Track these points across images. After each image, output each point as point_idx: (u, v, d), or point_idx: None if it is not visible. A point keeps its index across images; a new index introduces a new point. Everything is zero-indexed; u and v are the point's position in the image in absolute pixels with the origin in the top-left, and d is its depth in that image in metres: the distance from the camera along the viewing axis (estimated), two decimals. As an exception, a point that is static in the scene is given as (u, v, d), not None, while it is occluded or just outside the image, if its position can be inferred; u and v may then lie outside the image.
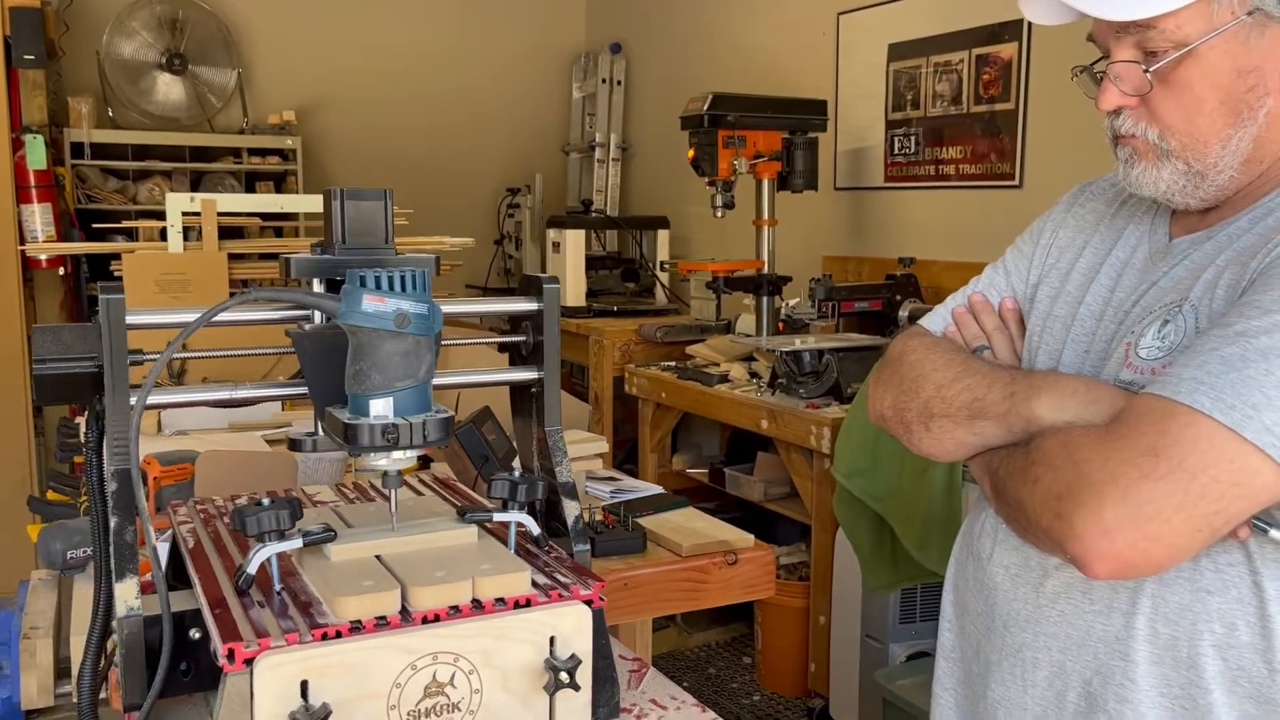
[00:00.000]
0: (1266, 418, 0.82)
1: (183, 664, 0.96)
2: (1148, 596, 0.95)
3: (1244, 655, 0.92)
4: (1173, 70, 0.94)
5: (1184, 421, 0.84)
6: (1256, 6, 0.92)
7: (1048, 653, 1.02)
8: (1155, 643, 0.95)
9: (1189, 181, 0.98)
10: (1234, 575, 0.92)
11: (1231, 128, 0.95)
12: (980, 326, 1.17)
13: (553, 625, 0.89)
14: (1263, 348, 0.84)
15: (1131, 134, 0.99)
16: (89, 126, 4.35)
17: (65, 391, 0.97)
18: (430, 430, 0.92)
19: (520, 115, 5.50)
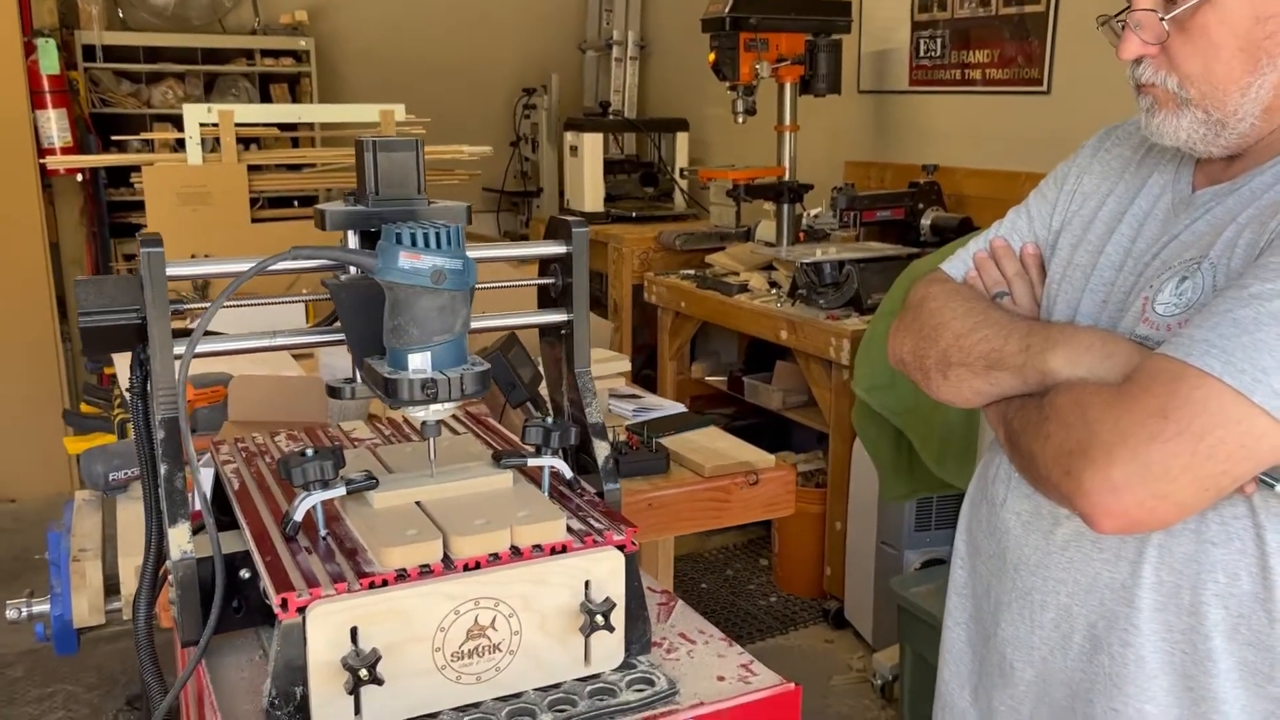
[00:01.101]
0: (1276, 382, 0.83)
1: (234, 602, 1.01)
2: (1154, 546, 0.98)
3: (1245, 604, 0.95)
4: (1190, 17, 0.94)
5: (1194, 384, 0.85)
6: None
7: (1055, 596, 1.06)
8: (1160, 590, 0.98)
9: (1209, 130, 0.98)
10: (1238, 528, 0.95)
11: (1251, 75, 0.95)
12: (1001, 272, 1.18)
13: (587, 570, 0.93)
14: (1275, 311, 0.85)
15: (1152, 82, 1.00)
16: (100, 29, 4.29)
17: (110, 342, 0.99)
18: (468, 383, 0.94)
19: (536, 12, 5.38)
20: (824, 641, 3.11)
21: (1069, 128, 3.03)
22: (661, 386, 3.86)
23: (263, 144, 3.81)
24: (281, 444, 1.23)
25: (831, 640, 3.11)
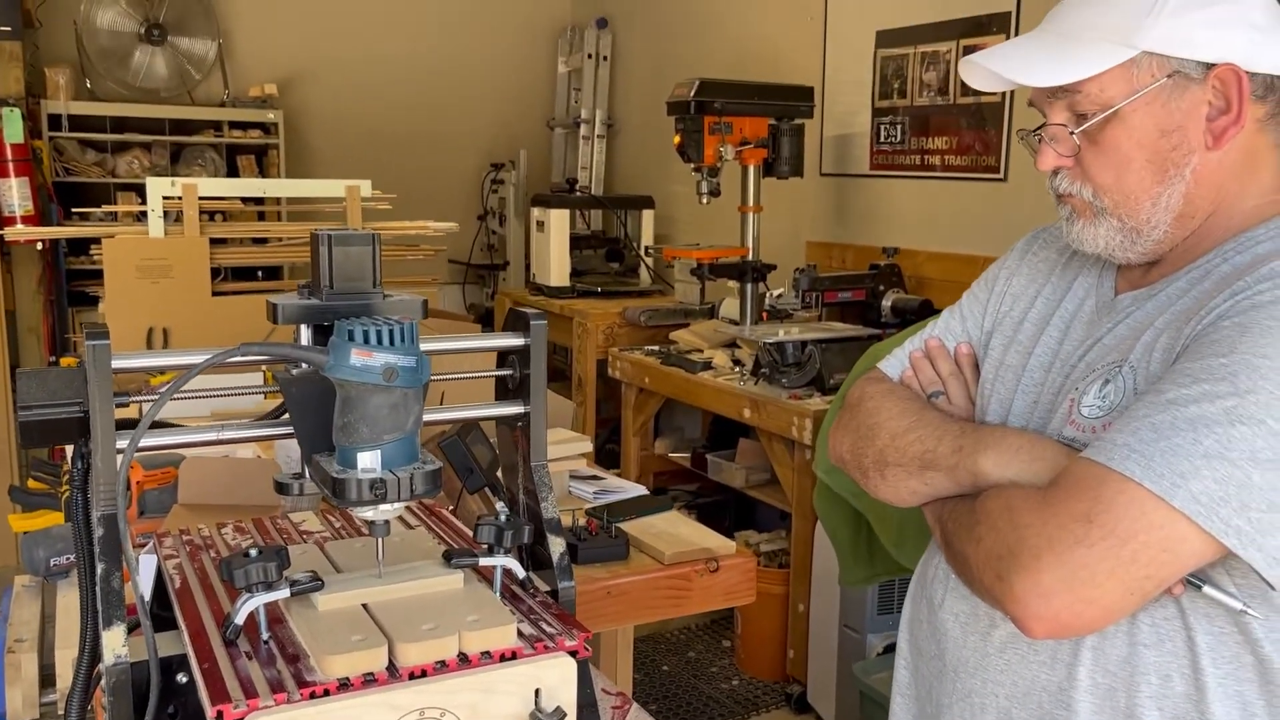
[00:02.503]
0: (1193, 486, 0.85)
1: (170, 708, 0.97)
2: (1089, 649, 0.99)
3: (1179, 705, 0.96)
4: (1100, 131, 0.99)
5: (1116, 489, 0.87)
6: (1175, 70, 0.96)
7: (995, 699, 1.06)
8: (1095, 693, 0.99)
9: (1125, 238, 1.02)
10: (1169, 630, 0.96)
11: (1160, 185, 0.99)
12: (936, 371, 1.21)
13: (538, 677, 0.91)
14: (1191, 417, 0.86)
15: (1069, 192, 1.04)
16: (66, 98, 4.29)
17: (50, 436, 0.97)
18: (418, 483, 0.92)
19: (505, 89, 5.45)
20: (786, 727, 3.06)
21: (1024, 214, 3.09)
22: (625, 462, 3.84)
23: (228, 216, 3.80)
24: (228, 537, 1.19)
25: (794, 725, 3.06)
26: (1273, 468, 0.84)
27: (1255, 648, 0.94)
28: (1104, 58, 0.97)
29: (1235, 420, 0.85)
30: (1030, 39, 1.04)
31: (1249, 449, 0.84)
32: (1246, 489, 0.84)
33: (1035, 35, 1.04)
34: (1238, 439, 0.85)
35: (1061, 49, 1.00)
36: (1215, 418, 0.86)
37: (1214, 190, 1.00)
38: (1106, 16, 0.98)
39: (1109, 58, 0.97)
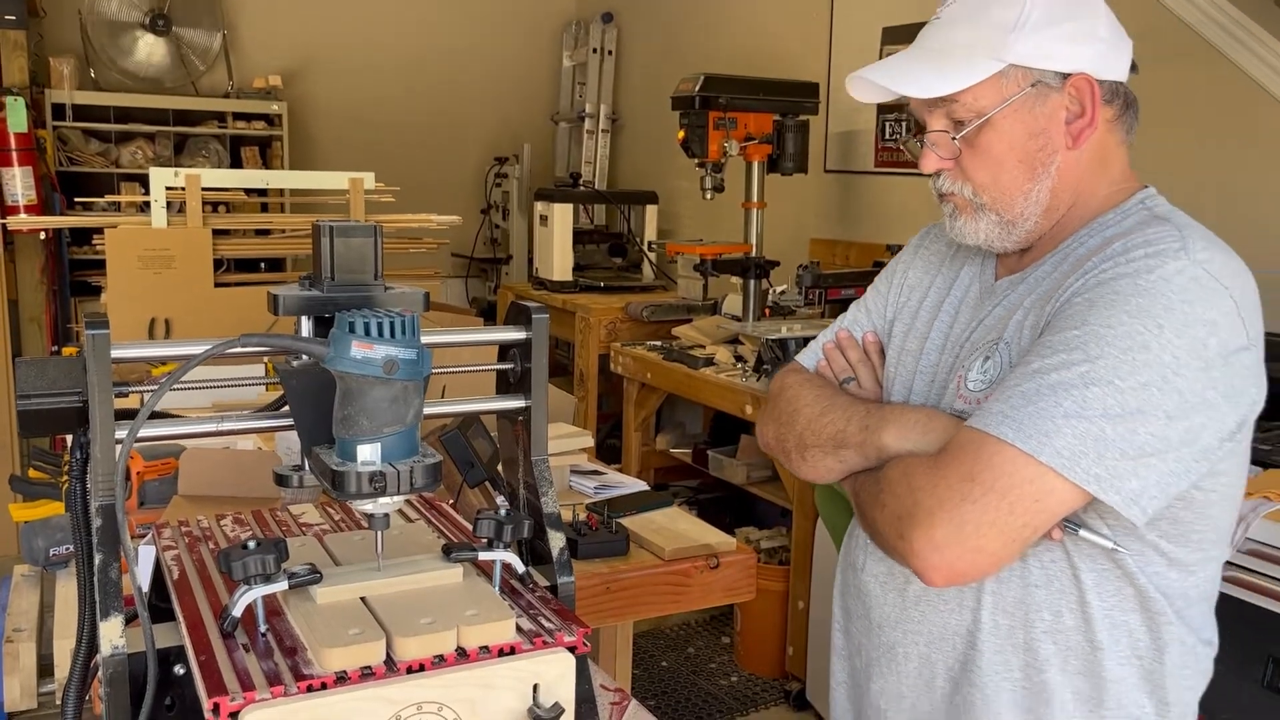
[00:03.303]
0: (1056, 443, 0.97)
1: (167, 699, 0.97)
2: (989, 594, 1.12)
3: (1070, 638, 1.09)
4: (976, 136, 1.11)
5: (993, 450, 0.99)
6: (1038, 80, 1.09)
7: (915, 647, 1.18)
8: (997, 633, 1.12)
9: (1002, 230, 1.14)
10: (1056, 570, 1.09)
11: (1030, 182, 1.11)
12: (846, 360, 1.32)
13: (536, 673, 0.90)
14: (1052, 383, 0.99)
15: (951, 191, 1.15)
16: (71, 88, 4.29)
17: (50, 425, 0.96)
18: (418, 476, 0.92)
19: (509, 83, 5.45)
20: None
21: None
22: (626, 457, 3.83)
23: (231, 207, 3.80)
24: (227, 528, 1.19)
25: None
26: (1122, 421, 0.97)
27: (1133, 580, 1.07)
28: (977, 71, 1.08)
29: (1089, 383, 0.98)
30: (910, 55, 1.14)
31: (1101, 406, 0.97)
32: (1102, 441, 0.97)
33: (914, 52, 1.15)
34: (1091, 399, 0.97)
35: (939, 63, 1.10)
36: (1072, 382, 0.98)
37: (1074, 184, 1.13)
38: (976, 33, 1.09)
39: (981, 70, 1.08)
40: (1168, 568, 1.08)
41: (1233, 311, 1.00)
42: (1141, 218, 1.10)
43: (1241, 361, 1.01)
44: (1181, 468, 1.00)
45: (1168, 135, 2.88)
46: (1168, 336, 0.97)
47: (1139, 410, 0.97)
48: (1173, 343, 0.97)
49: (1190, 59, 2.76)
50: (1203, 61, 2.71)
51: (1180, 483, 1.01)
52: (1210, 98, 2.77)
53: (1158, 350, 0.97)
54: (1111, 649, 1.09)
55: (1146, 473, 0.98)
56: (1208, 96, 2.77)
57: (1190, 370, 0.98)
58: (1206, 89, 2.77)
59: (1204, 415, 0.99)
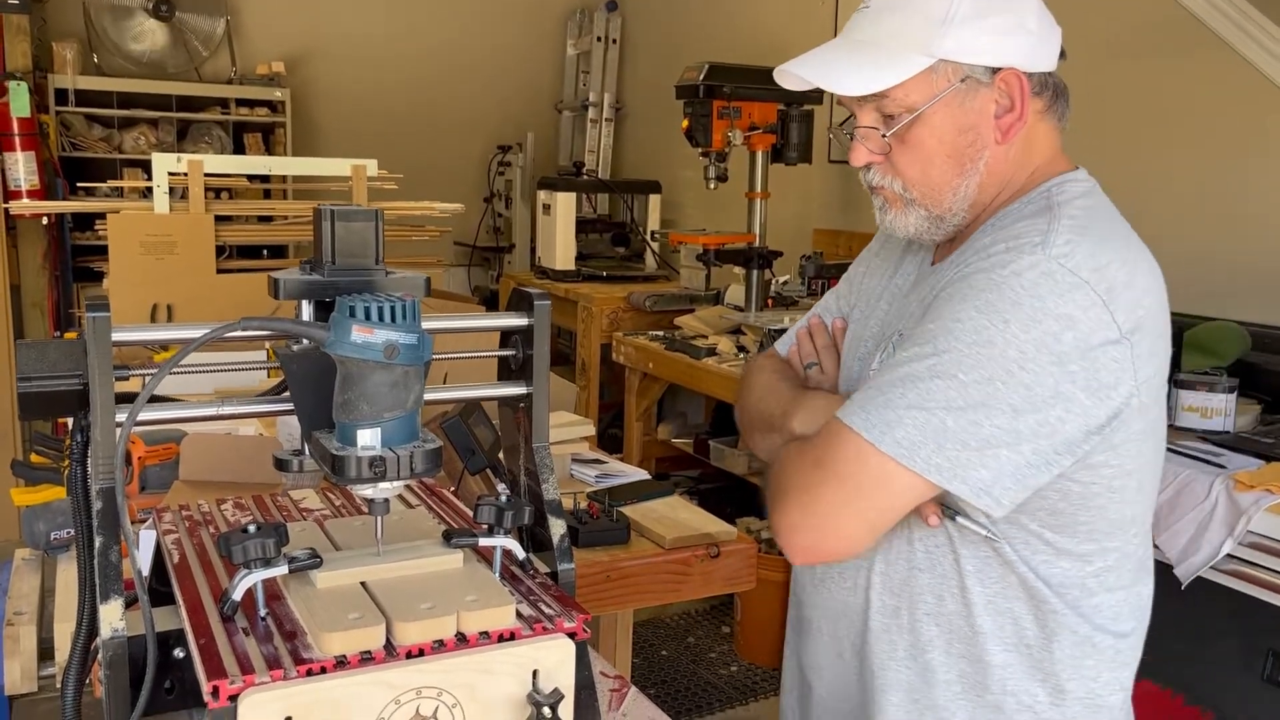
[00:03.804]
0: (898, 433, 1.00)
1: (167, 682, 0.97)
2: (877, 575, 1.15)
3: (953, 621, 1.11)
4: (906, 132, 1.09)
5: (841, 437, 1.03)
6: (967, 74, 1.07)
7: (824, 624, 1.24)
8: (884, 613, 1.15)
9: (931, 224, 1.14)
10: (940, 555, 1.11)
11: (959, 177, 1.11)
12: (813, 345, 1.35)
13: (536, 659, 0.90)
14: (902, 375, 1.02)
15: (881, 185, 1.14)
16: (74, 73, 4.28)
17: (50, 408, 0.96)
18: (418, 462, 0.91)
19: (513, 71, 5.43)
20: (784, 714, 3.06)
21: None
22: (627, 447, 3.83)
23: (234, 194, 3.79)
24: (227, 513, 1.19)
25: (792, 712, 3.06)
26: (964, 413, 0.99)
27: (1013, 568, 1.08)
28: (906, 66, 1.06)
29: (934, 376, 1.00)
30: (838, 47, 1.12)
31: (944, 399, 0.99)
32: (942, 433, 0.99)
33: (842, 43, 1.12)
34: (935, 391, 1.00)
35: (868, 57, 1.08)
36: (919, 374, 1.01)
37: (1001, 177, 1.12)
38: (906, 26, 1.07)
39: (911, 66, 1.06)
40: (1056, 556, 1.08)
41: (1095, 305, 0.99)
42: (1037, 207, 1.09)
43: (1109, 355, 0.99)
44: (1040, 459, 1.00)
45: (1175, 128, 2.87)
46: (1013, 331, 0.98)
47: (982, 403, 0.98)
48: (1019, 337, 0.98)
49: (1198, 52, 2.75)
50: (1210, 55, 2.70)
51: (1040, 474, 1.01)
52: (1218, 91, 2.76)
53: (1002, 345, 0.98)
54: (994, 635, 1.10)
55: (996, 464, 0.99)
56: (1215, 90, 2.76)
57: (1039, 364, 0.98)
58: (1214, 82, 2.75)
59: (1060, 409, 0.99)
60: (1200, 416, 2.19)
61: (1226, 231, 2.76)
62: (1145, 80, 2.93)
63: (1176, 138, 2.86)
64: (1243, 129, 2.72)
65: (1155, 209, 2.88)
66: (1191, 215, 2.84)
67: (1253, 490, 1.85)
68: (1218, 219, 2.78)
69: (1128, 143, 2.94)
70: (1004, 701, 1.10)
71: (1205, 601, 1.92)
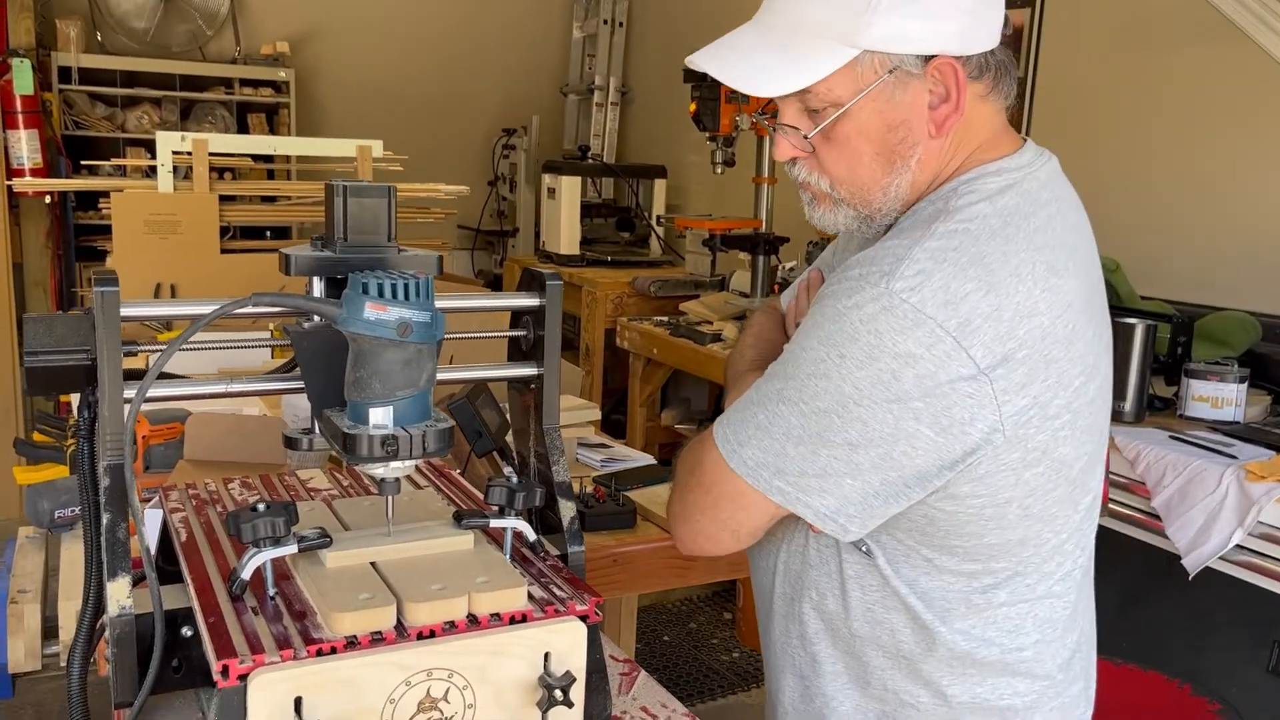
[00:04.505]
0: (745, 453, 1.01)
1: (174, 661, 0.96)
2: (780, 563, 1.16)
3: (832, 620, 1.12)
4: (832, 129, 1.01)
5: (707, 448, 1.04)
6: (896, 65, 0.98)
7: (757, 598, 1.25)
8: (782, 600, 1.16)
9: (862, 223, 1.07)
10: (827, 555, 1.10)
11: (889, 176, 1.03)
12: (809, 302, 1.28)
13: (547, 641, 0.89)
14: (760, 395, 1.01)
15: (807, 181, 1.07)
16: (77, 51, 4.25)
17: (57, 383, 0.95)
18: (430, 441, 0.90)
19: (519, 53, 5.40)
20: (786, 700, 3.06)
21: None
22: (631, 433, 3.82)
23: (237, 174, 3.77)
24: (234, 492, 1.18)
25: (794, 699, 3.06)
26: (804, 442, 0.97)
27: (888, 581, 1.06)
28: (827, 60, 0.97)
29: (780, 400, 0.99)
30: (751, 34, 1.03)
31: (785, 425, 0.98)
32: (782, 457, 0.99)
33: (755, 28, 1.03)
34: (779, 416, 0.99)
35: (785, 50, 0.99)
36: (770, 397, 1.00)
37: (934, 173, 1.04)
38: (827, 12, 0.97)
39: (833, 59, 0.97)
40: (939, 573, 1.04)
41: (941, 341, 0.92)
42: (932, 212, 1.01)
43: (961, 391, 0.92)
44: (888, 490, 0.97)
45: (1188, 117, 2.85)
46: (849, 367, 0.94)
47: (819, 434, 0.96)
48: (854, 374, 0.94)
49: (1212, 41, 2.73)
50: (1225, 44, 2.68)
51: (889, 504, 0.98)
52: (1233, 80, 2.73)
53: (838, 379, 0.95)
54: (871, 640, 1.09)
55: (839, 491, 0.97)
56: (1230, 79, 2.74)
57: (874, 402, 0.94)
58: (1229, 71, 2.73)
59: (904, 445, 0.94)
60: (1211, 406, 2.18)
61: (1238, 221, 2.74)
62: (1159, 69, 2.91)
63: (1190, 127, 2.84)
64: (1258, 118, 2.70)
65: (1168, 198, 2.86)
66: (1203, 205, 2.82)
67: (1264, 481, 1.84)
68: (1230, 208, 2.77)
69: (1142, 132, 2.92)
70: (886, 696, 1.10)
71: (1212, 592, 1.91)
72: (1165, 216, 2.86)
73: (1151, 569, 1.99)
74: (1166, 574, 1.94)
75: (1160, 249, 2.86)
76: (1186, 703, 1.95)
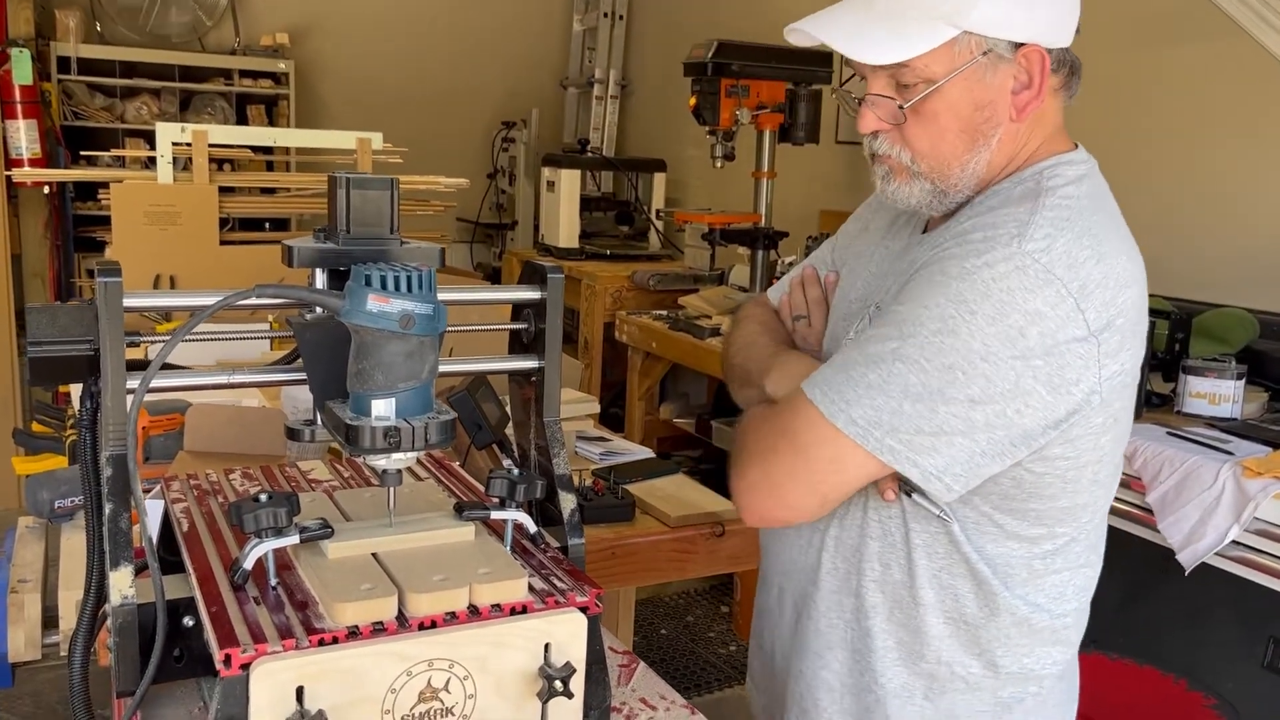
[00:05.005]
0: (854, 411, 1.01)
1: (176, 650, 0.97)
2: (831, 538, 1.17)
3: (897, 591, 1.13)
4: (922, 103, 1.06)
5: (802, 409, 1.04)
6: (989, 48, 1.04)
7: (775, 577, 1.26)
8: (835, 575, 1.17)
9: (935, 198, 1.11)
10: (892, 526, 1.12)
11: (969, 153, 1.08)
12: (804, 298, 1.33)
13: (548, 633, 0.90)
14: (868, 354, 1.02)
15: (887, 154, 1.11)
16: (76, 41, 4.25)
17: (61, 372, 0.95)
18: (433, 433, 0.91)
19: (518, 46, 5.39)
20: (783, 693, 3.07)
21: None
22: (629, 426, 3.83)
23: (237, 165, 3.77)
24: (235, 483, 1.18)
25: (790, 692, 3.07)
26: (922, 400, 0.99)
27: (959, 547, 1.09)
28: (930, 36, 1.02)
29: (896, 359, 1.00)
30: (854, 8, 1.07)
31: (903, 384, 0.99)
32: (898, 416, 0.99)
33: (859, 5, 1.07)
34: (895, 375, 1.00)
35: (891, 24, 1.04)
36: (883, 356, 1.01)
37: (1009, 155, 1.10)
38: None
39: (936, 36, 1.02)
40: (1005, 538, 1.09)
41: (1065, 302, 0.97)
42: (1025, 190, 1.07)
43: (1074, 352, 0.98)
44: (994, 449, 1.00)
45: (1188, 114, 2.85)
46: (979, 323, 0.97)
47: (940, 391, 0.98)
48: (984, 330, 0.97)
49: (1212, 38, 2.73)
50: (1225, 41, 2.68)
51: (993, 464, 1.01)
52: (1233, 78, 2.74)
53: (966, 336, 0.97)
54: (935, 606, 1.11)
55: (949, 450, 1.00)
56: (1230, 76, 2.74)
57: (1001, 358, 0.97)
58: (1229, 68, 2.73)
59: (1019, 403, 0.98)
60: (1208, 403, 2.18)
61: (1237, 219, 2.75)
62: (1160, 66, 2.91)
63: (1189, 125, 2.85)
64: (1257, 116, 2.70)
65: (1167, 197, 2.86)
66: (1202, 203, 2.82)
67: (1260, 477, 1.84)
68: (1228, 207, 2.77)
69: (1141, 130, 2.93)
70: (938, 670, 1.13)
71: (1208, 588, 1.91)
72: (1164, 215, 2.86)
73: (1149, 565, 2.00)
74: (1163, 570, 1.95)
75: (1159, 246, 2.86)
76: (1182, 698, 1.96)
